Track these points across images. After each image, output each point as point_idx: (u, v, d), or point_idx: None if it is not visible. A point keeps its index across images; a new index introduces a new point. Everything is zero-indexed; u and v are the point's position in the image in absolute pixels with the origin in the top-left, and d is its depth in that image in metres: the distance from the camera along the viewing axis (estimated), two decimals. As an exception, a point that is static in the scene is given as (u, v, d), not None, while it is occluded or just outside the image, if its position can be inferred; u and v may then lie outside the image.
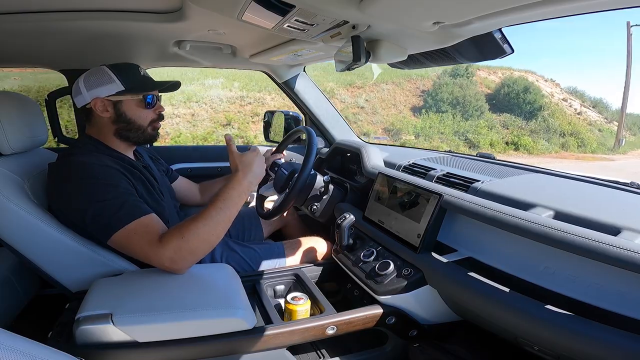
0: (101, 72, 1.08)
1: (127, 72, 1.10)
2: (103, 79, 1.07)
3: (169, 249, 0.92)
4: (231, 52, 1.56)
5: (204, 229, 0.95)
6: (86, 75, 1.09)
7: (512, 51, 0.97)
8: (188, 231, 0.93)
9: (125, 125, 1.11)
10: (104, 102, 1.08)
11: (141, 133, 1.14)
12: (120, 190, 0.97)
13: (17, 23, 1.10)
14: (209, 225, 0.96)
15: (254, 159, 1.09)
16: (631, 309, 0.70)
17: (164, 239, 0.93)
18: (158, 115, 1.17)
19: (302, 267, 1.31)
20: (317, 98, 1.98)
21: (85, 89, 1.07)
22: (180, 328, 0.84)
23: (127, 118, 1.10)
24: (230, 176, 1.07)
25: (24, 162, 1.08)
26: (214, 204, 0.99)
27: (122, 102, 1.09)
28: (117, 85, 1.07)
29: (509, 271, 0.90)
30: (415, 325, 1.07)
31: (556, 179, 1.17)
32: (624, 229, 0.76)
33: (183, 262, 0.95)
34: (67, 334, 0.82)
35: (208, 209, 0.98)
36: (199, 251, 0.96)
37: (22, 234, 0.95)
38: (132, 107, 1.11)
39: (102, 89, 1.07)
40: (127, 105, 1.10)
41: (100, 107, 1.08)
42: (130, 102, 1.10)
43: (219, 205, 0.98)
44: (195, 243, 0.94)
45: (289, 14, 0.84)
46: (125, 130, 1.11)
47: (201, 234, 0.94)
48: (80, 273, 0.99)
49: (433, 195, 1.06)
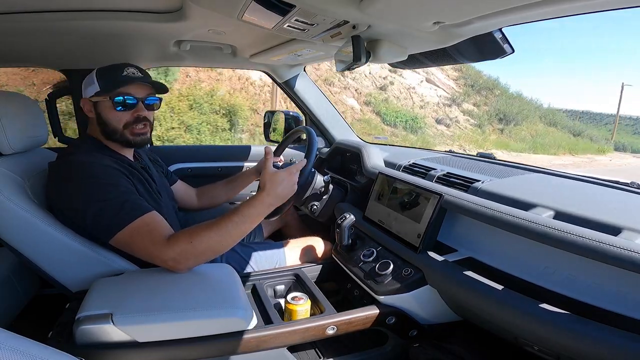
0: (91, 73, 1.08)
1: (108, 73, 1.06)
2: (89, 80, 1.08)
3: (175, 250, 0.92)
4: (231, 52, 1.56)
5: (215, 238, 0.94)
6: (87, 76, 1.10)
7: (512, 51, 0.97)
8: (198, 237, 0.93)
9: (104, 127, 1.08)
10: (86, 103, 1.09)
11: (119, 136, 1.08)
12: (121, 189, 0.97)
13: (17, 23, 1.10)
14: (220, 236, 0.95)
15: (284, 179, 1.03)
16: (631, 309, 0.70)
17: (171, 240, 0.92)
18: (135, 118, 1.08)
19: (302, 267, 1.31)
20: (317, 98, 1.98)
21: (83, 88, 1.10)
22: (180, 328, 0.84)
23: (103, 120, 1.08)
24: (256, 194, 1.03)
25: (24, 162, 1.08)
26: (230, 217, 0.96)
27: (98, 103, 1.07)
28: (95, 86, 1.05)
29: (509, 271, 0.90)
30: (415, 325, 1.07)
31: (556, 179, 1.17)
32: (624, 229, 0.76)
33: (186, 264, 0.95)
34: (67, 333, 0.82)
35: (224, 220, 0.96)
36: (204, 257, 0.96)
37: (22, 233, 0.95)
38: (106, 109, 1.07)
39: (87, 90, 1.08)
40: (102, 107, 1.07)
41: (86, 108, 1.09)
42: (104, 104, 1.07)
43: (235, 219, 0.96)
44: (202, 250, 0.93)
45: (289, 13, 0.84)
46: (106, 132, 1.09)
47: (211, 243, 0.94)
48: (80, 273, 0.99)
49: (433, 195, 1.06)
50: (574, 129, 19.74)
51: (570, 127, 19.77)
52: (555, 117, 19.24)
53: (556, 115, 19.86)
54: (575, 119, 24.99)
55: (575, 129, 19.83)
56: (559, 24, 69.84)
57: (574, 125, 20.43)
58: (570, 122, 20.91)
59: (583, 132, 20.05)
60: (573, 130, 19.63)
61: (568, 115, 24.47)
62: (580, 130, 20.03)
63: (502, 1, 0.65)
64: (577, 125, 21.07)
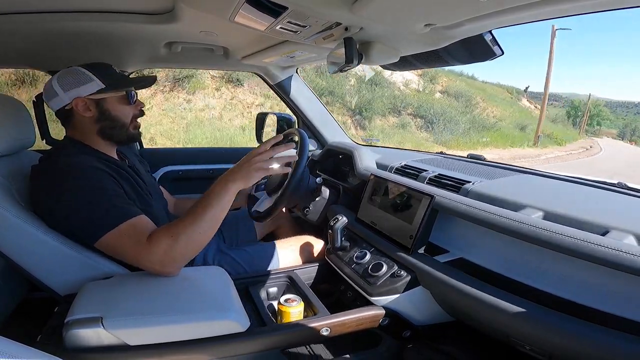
0: (77, 72, 1.05)
1: (104, 71, 1.08)
2: (81, 79, 1.04)
3: (159, 250, 0.91)
4: (223, 53, 1.56)
5: (191, 227, 0.93)
6: (60, 76, 1.05)
7: (502, 53, 0.99)
8: (176, 229, 0.92)
9: (109, 123, 1.10)
10: (85, 102, 1.06)
11: (125, 131, 1.13)
12: (107, 191, 0.96)
13: (6, 24, 1.08)
14: (196, 221, 0.94)
15: (254, 155, 1.03)
16: (621, 308, 0.71)
17: (152, 239, 0.91)
18: (140, 110, 1.17)
19: (295, 268, 1.31)
20: (309, 100, 1.98)
21: (62, 90, 1.04)
22: (172, 331, 0.83)
23: (111, 115, 1.09)
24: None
25: (11, 164, 1.06)
26: (200, 201, 0.98)
27: (105, 100, 1.08)
28: (97, 83, 1.05)
29: (500, 271, 0.91)
30: (409, 326, 1.07)
31: (545, 180, 1.19)
32: (612, 228, 0.77)
33: (173, 264, 0.94)
34: (57, 337, 0.81)
35: (195, 207, 0.97)
36: (189, 252, 0.95)
37: (9, 236, 0.93)
38: (115, 104, 1.10)
39: (82, 89, 1.04)
40: (110, 103, 1.09)
41: (81, 107, 1.06)
42: (113, 99, 1.09)
43: (202, 205, 0.97)
44: (185, 243, 0.92)
45: (281, 15, 0.84)
46: (109, 129, 1.10)
47: (189, 232, 0.93)
48: (69, 276, 0.97)
49: (425, 196, 1.06)
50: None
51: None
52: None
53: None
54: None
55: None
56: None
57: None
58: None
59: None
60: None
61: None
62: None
63: (492, 4, 0.66)
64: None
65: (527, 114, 22.95)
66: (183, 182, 1.91)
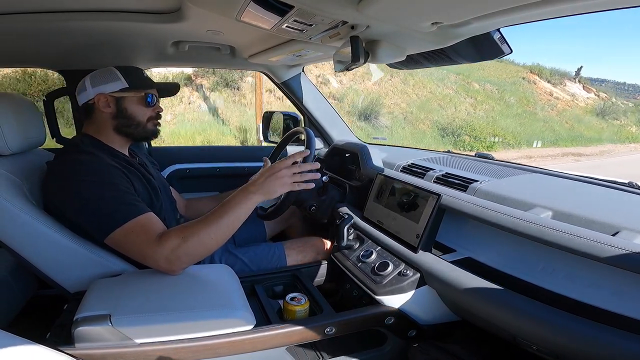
0: (109, 71, 1.14)
1: (131, 73, 1.16)
2: (109, 77, 1.13)
3: (167, 248, 0.92)
4: (230, 52, 1.56)
5: (205, 232, 0.95)
6: (93, 74, 1.14)
7: (510, 51, 0.98)
8: (189, 232, 0.94)
9: (125, 121, 1.15)
10: (106, 98, 1.12)
11: (141, 129, 1.18)
12: (117, 188, 0.97)
13: (15, 24, 1.09)
14: (210, 228, 0.96)
15: (271, 173, 1.04)
16: (630, 309, 0.70)
17: (163, 237, 0.93)
18: (156, 114, 1.22)
19: (301, 267, 1.31)
20: (315, 98, 1.98)
21: (91, 86, 1.12)
22: (179, 328, 0.83)
23: (128, 114, 1.15)
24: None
25: (22, 163, 1.08)
26: (217, 209, 1.00)
27: (125, 98, 1.14)
28: (122, 82, 1.13)
29: (508, 271, 0.90)
30: (414, 326, 1.07)
31: (554, 179, 1.18)
32: (622, 228, 0.76)
33: (178, 263, 0.95)
34: (66, 334, 0.82)
35: (212, 214, 0.99)
36: (196, 254, 0.96)
37: (20, 234, 0.94)
38: (133, 104, 1.16)
39: (107, 86, 1.12)
40: (129, 102, 1.15)
41: (102, 102, 1.12)
42: (132, 99, 1.15)
43: (221, 211, 0.99)
44: (194, 245, 0.94)
45: (287, 14, 0.84)
46: (124, 126, 1.16)
47: (202, 237, 0.94)
48: (78, 274, 0.99)
49: (432, 195, 1.06)
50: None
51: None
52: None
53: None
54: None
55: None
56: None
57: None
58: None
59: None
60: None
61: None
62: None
63: (500, 1, 0.65)
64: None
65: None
66: (191, 180, 1.92)
